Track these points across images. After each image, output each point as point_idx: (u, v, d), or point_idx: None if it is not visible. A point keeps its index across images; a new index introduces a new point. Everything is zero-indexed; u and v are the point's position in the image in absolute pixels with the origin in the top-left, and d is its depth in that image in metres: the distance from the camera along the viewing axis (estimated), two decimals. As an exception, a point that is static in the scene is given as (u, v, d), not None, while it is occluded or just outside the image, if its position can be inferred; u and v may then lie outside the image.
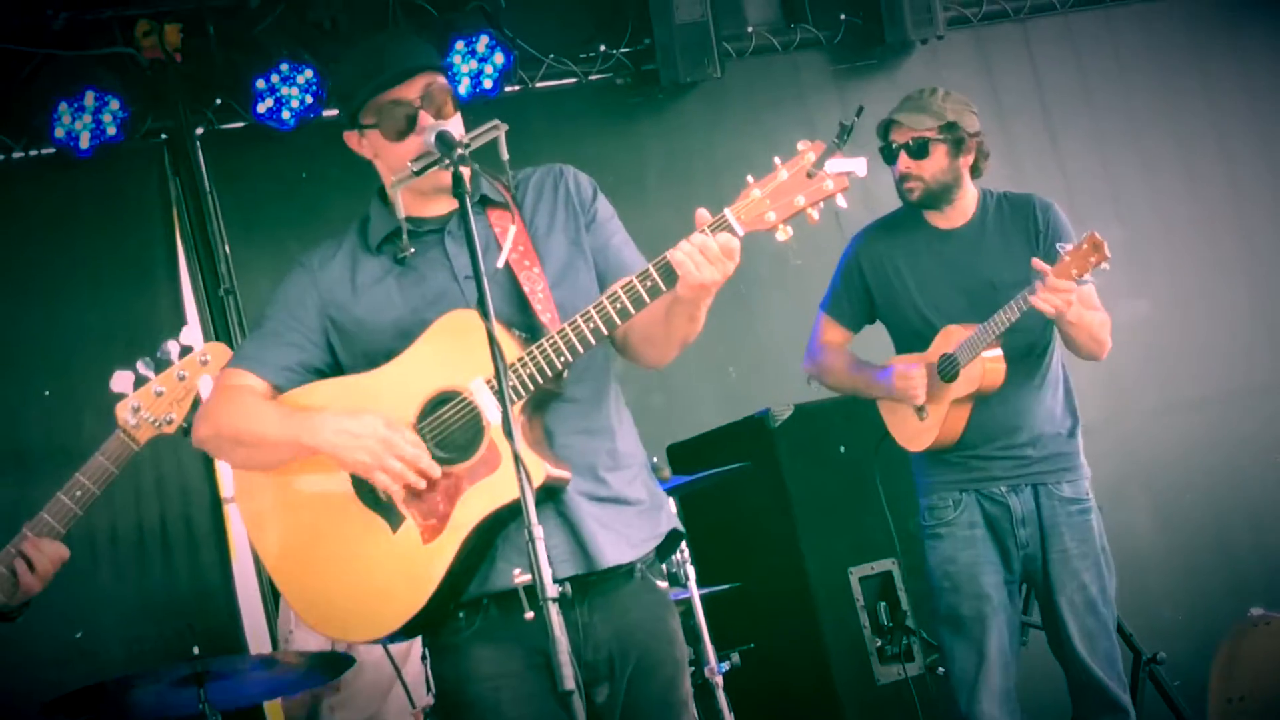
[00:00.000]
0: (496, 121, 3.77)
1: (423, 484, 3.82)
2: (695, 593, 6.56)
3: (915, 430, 5.87)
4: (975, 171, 5.97)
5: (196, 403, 4.64)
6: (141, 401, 4.40)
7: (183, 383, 4.44)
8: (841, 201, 3.72)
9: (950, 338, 5.75)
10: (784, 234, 3.72)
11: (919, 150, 5.81)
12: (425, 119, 3.93)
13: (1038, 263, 5.53)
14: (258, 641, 7.79)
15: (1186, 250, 9.64)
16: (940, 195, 5.86)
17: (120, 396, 4.42)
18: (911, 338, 5.92)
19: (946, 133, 5.81)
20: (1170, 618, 8.52)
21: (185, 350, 4.44)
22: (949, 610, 5.85)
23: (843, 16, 9.29)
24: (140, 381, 4.42)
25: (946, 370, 5.74)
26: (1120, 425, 9.21)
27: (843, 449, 7.10)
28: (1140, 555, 8.78)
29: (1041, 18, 9.70)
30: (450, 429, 3.85)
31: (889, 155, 5.89)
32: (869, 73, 9.39)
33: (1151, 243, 9.58)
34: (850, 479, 6.37)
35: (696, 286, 3.70)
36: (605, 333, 3.80)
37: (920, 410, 5.82)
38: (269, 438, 3.95)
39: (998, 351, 5.71)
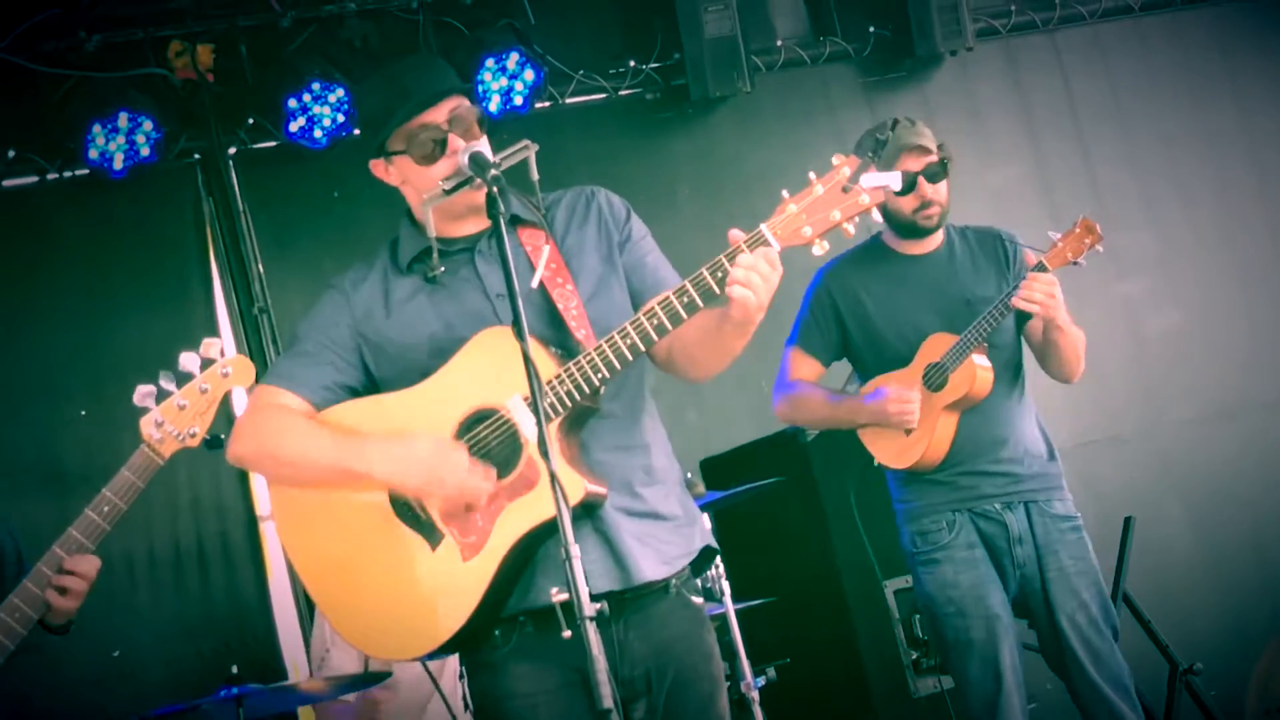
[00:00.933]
0: (527, 142, 3.78)
1: (482, 502, 3.83)
2: (730, 607, 6.57)
3: (901, 445, 5.77)
4: None
5: (228, 416, 4.66)
6: (164, 415, 4.41)
7: (205, 395, 4.44)
8: (877, 215, 3.73)
9: (936, 346, 5.70)
10: (820, 248, 3.73)
11: (939, 174, 5.79)
12: (455, 141, 3.95)
13: (1029, 254, 5.54)
14: (294, 659, 7.81)
15: (1219, 260, 9.62)
16: (944, 220, 5.86)
17: (143, 411, 4.43)
18: (883, 363, 5.83)
19: (943, 154, 5.82)
20: (1207, 629, 8.48)
21: (206, 363, 4.45)
22: (958, 635, 5.71)
23: (872, 29, 9.32)
24: (162, 395, 4.42)
25: (934, 379, 5.68)
26: (1155, 437, 9.19)
27: (876, 463, 7.08)
28: (1177, 567, 8.76)
29: (1071, 28, 9.71)
30: (488, 447, 3.86)
31: (904, 186, 5.73)
32: (898, 85, 9.41)
33: (1183, 253, 9.56)
34: (883, 492, 6.34)
35: (756, 309, 3.72)
36: (643, 349, 3.80)
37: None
38: (319, 463, 3.96)
39: (986, 360, 5.68)
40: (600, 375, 3.80)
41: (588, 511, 3.87)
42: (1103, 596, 5.75)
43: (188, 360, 4.40)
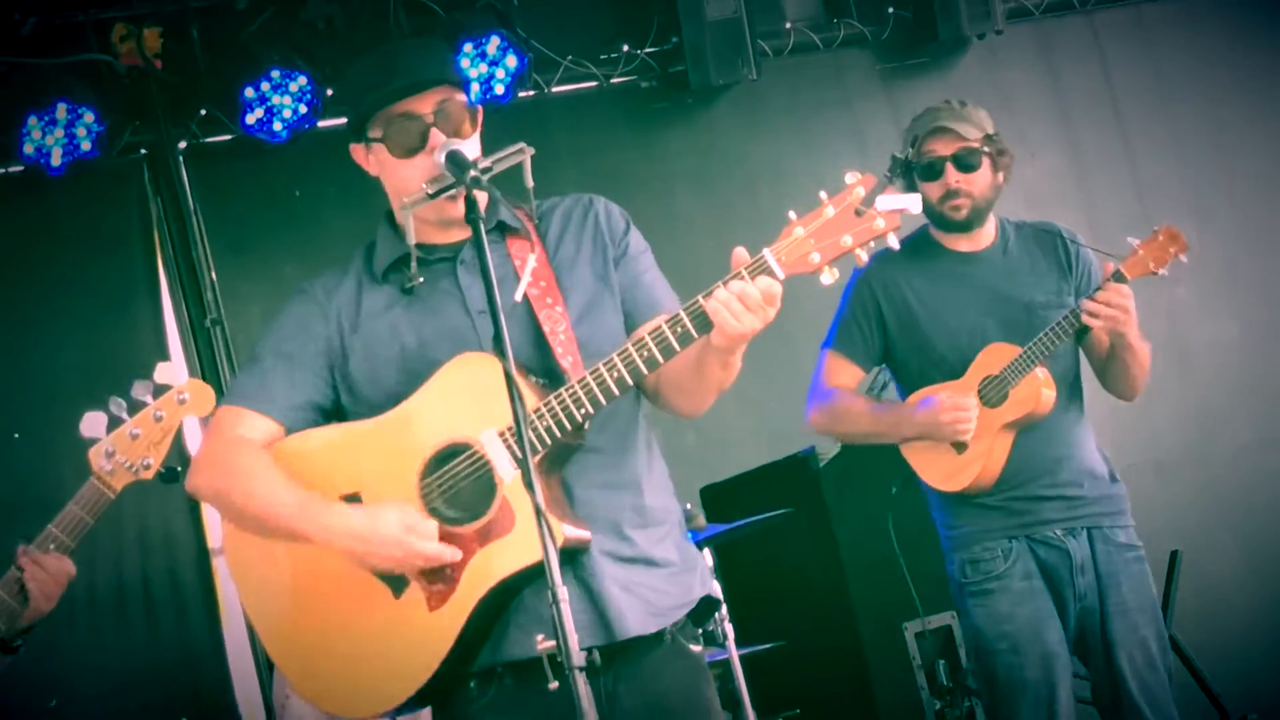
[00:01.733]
0: (522, 145, 3.73)
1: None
2: (734, 653, 6.54)
3: (952, 466, 5.71)
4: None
5: (180, 447, 4.64)
6: (116, 445, 4.41)
7: (160, 424, 4.43)
8: (893, 242, 3.68)
9: (994, 358, 5.65)
10: (830, 276, 3.68)
11: (968, 162, 5.74)
12: (436, 137, 3.90)
13: (1107, 264, 5.51)
14: (251, 707, 7.78)
15: (1276, 264, 9.61)
16: (981, 215, 5.81)
17: (93, 441, 4.43)
18: (931, 371, 5.77)
19: (989, 145, 5.77)
20: (1262, 675, 8.46)
21: (161, 389, 4.45)
22: (1009, 675, 5.66)
23: (891, 10, 9.31)
24: (114, 423, 4.42)
25: (993, 393, 5.63)
26: (1204, 462, 9.18)
27: (895, 490, 7.05)
28: (1229, 606, 8.74)
29: (1111, 9, 9.71)
30: (459, 485, 3.82)
31: (930, 170, 5.72)
32: (920, 72, 9.40)
33: (1237, 256, 9.55)
34: (904, 524, 6.35)
35: (734, 336, 3.66)
36: (630, 383, 3.76)
37: (959, 443, 5.69)
38: (280, 521, 3.92)
39: (1049, 375, 5.63)
40: (583, 410, 3.76)
41: (568, 558, 3.82)
42: (1161, 635, 5.74)
43: (141, 388, 4.39)
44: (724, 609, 6.56)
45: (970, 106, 5.79)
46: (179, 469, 4.41)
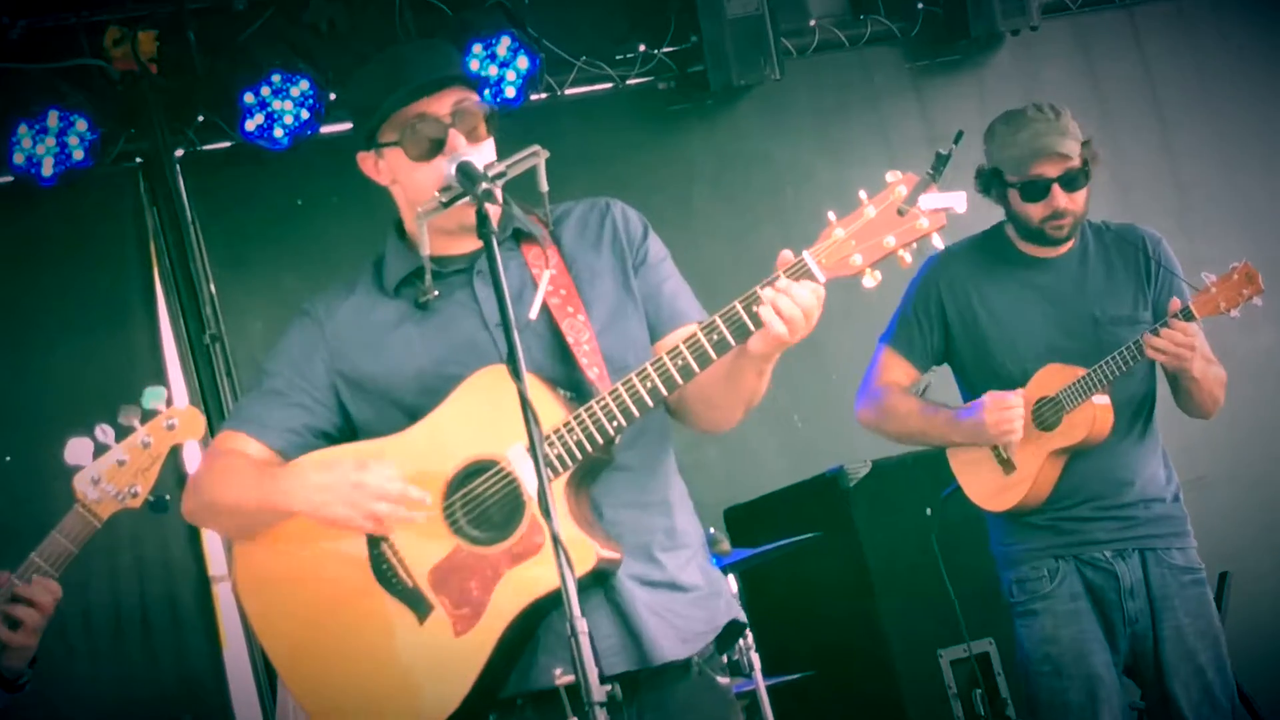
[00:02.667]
0: (536, 148, 3.76)
1: (419, 517, 3.83)
2: (761, 683, 6.55)
3: (997, 486, 5.75)
4: None
5: (179, 475, 4.65)
6: (102, 472, 4.38)
7: (147, 450, 4.41)
8: (937, 241, 3.70)
9: (1051, 379, 5.67)
10: (872, 279, 3.71)
11: (1076, 181, 5.72)
12: (456, 139, 3.93)
13: (1175, 303, 5.50)
14: (254, 736, 7.83)
15: (1325, 269, 9.60)
16: (1078, 228, 5.81)
17: (77, 468, 4.43)
18: (990, 379, 5.77)
19: (1087, 153, 5.77)
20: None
21: (149, 414, 4.45)
22: (1052, 698, 5.70)
23: (920, 5, 9.34)
24: (100, 450, 4.40)
25: (1047, 416, 5.66)
26: (1251, 479, 9.19)
27: (929, 511, 7.06)
28: (1273, 630, 8.72)
29: (1150, 3, 9.74)
30: (485, 504, 3.85)
31: (1036, 191, 5.66)
32: (952, 70, 9.43)
33: (1283, 261, 9.54)
34: (939, 547, 6.34)
35: (777, 339, 3.69)
36: (665, 394, 3.79)
37: (1007, 463, 5.71)
38: (244, 505, 3.99)
39: (1107, 399, 5.65)
40: (615, 423, 3.79)
41: (599, 580, 3.86)
42: (1222, 664, 5.73)
43: (128, 413, 4.39)
44: (750, 637, 6.57)
45: (1064, 113, 5.75)
46: (167, 498, 4.42)
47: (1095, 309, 5.72)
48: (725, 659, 4.20)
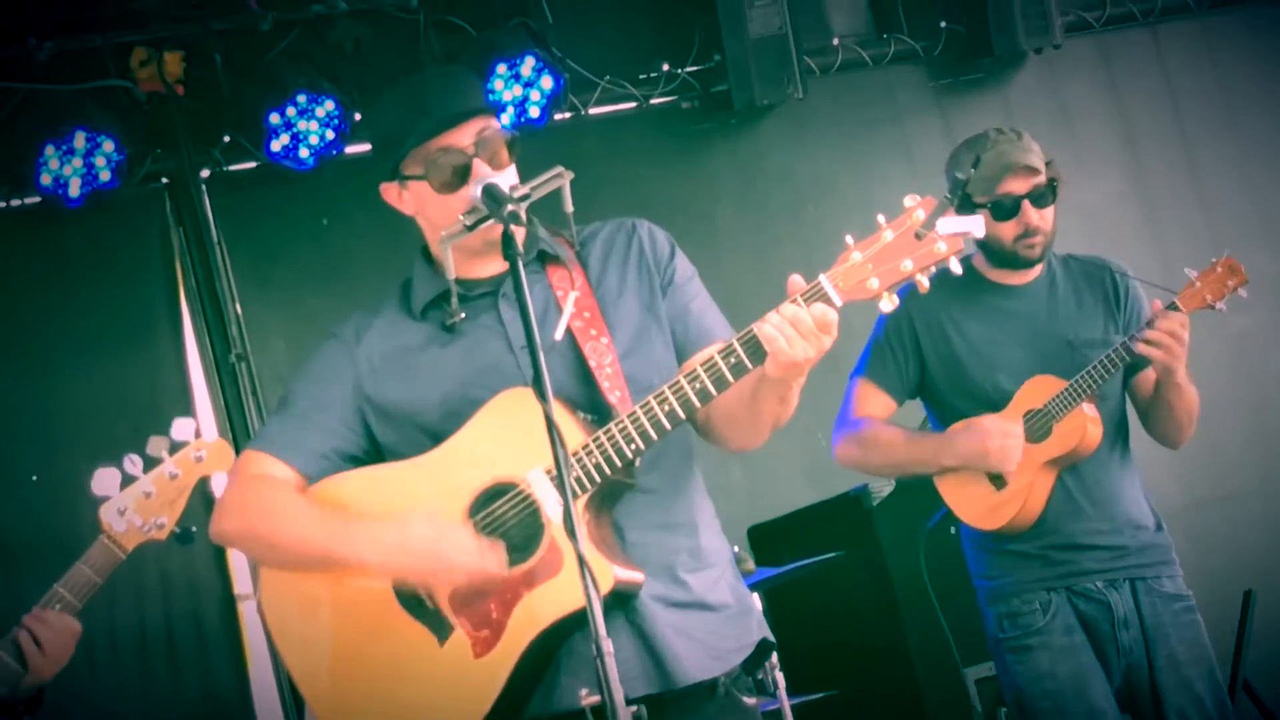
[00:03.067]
0: (560, 169, 3.80)
1: (503, 571, 3.84)
2: (786, 703, 6.53)
3: (989, 504, 5.70)
4: None
5: (207, 500, 4.69)
6: (128, 503, 4.42)
7: (175, 482, 4.45)
8: (955, 266, 3.73)
9: (1037, 391, 5.64)
10: (890, 302, 3.74)
11: (1044, 197, 5.72)
12: (480, 168, 3.97)
13: (1156, 304, 5.51)
14: (279, 757, 7.85)
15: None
16: (1049, 250, 5.83)
17: (104, 499, 4.44)
18: (968, 404, 5.75)
19: (1051, 174, 5.79)
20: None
21: (177, 445, 4.48)
22: None
23: (943, 24, 9.36)
24: (127, 481, 4.43)
25: (1036, 428, 5.61)
26: (1277, 497, 9.15)
27: (954, 530, 7.08)
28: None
29: (1175, 21, 9.74)
30: (505, 526, 3.88)
31: (1006, 209, 5.66)
32: (975, 89, 9.47)
33: (1309, 280, 9.56)
34: (964, 566, 6.34)
35: (788, 365, 3.71)
36: (682, 416, 3.82)
37: (998, 479, 5.66)
38: (306, 549, 4.00)
39: (1095, 411, 5.64)
40: (634, 446, 3.82)
41: (620, 602, 3.88)
42: (1218, 690, 5.70)
43: (157, 444, 4.43)
44: (774, 656, 6.57)
45: (1025, 136, 5.78)
46: (193, 529, 4.46)
47: (1068, 333, 5.71)
48: (751, 679, 4.20)
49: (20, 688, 4.48)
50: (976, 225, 3.70)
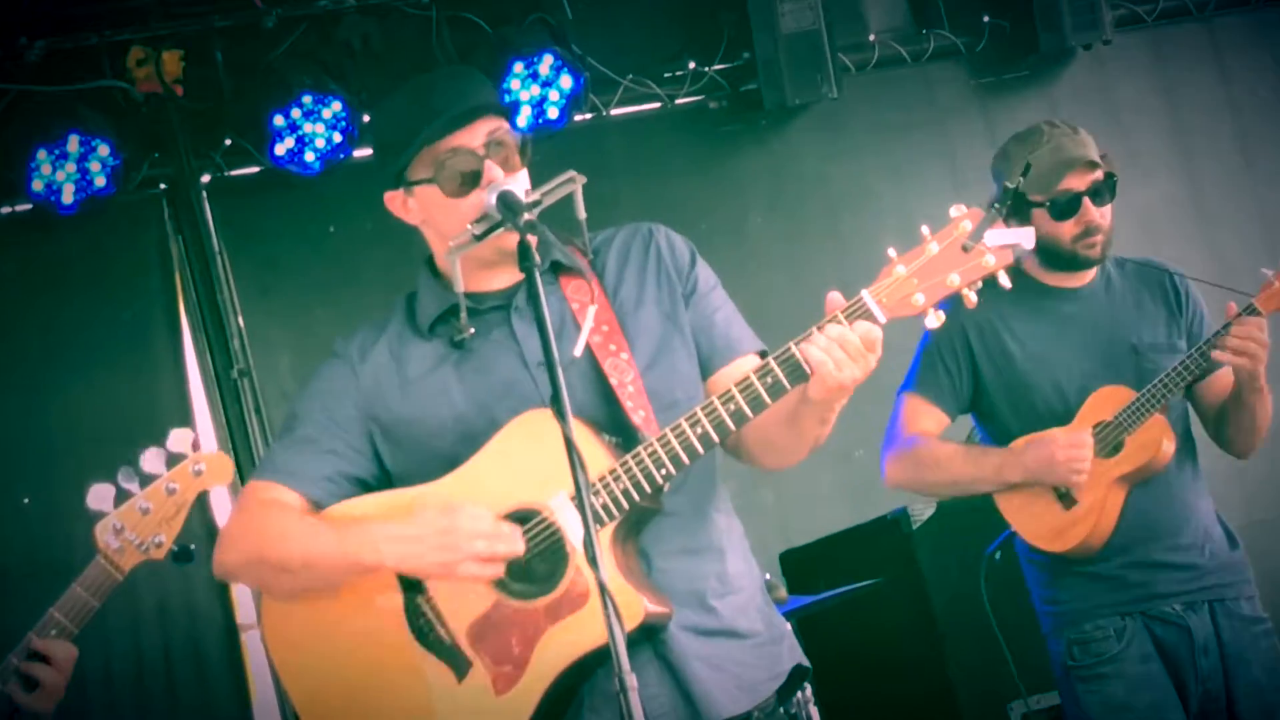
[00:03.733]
0: (572, 174, 3.76)
1: (518, 549, 3.81)
2: (821, 738, 6.54)
3: (1059, 523, 5.62)
4: None
5: (207, 525, 4.66)
6: (125, 521, 4.39)
7: (173, 497, 4.41)
8: (1004, 280, 3.71)
9: (1105, 403, 5.59)
10: (936, 319, 3.72)
11: (1104, 194, 5.69)
12: (491, 171, 3.93)
13: (1231, 307, 5.45)
14: (283, 797, 7.84)
15: None
16: (1109, 251, 5.78)
17: (99, 515, 4.43)
18: (1030, 417, 5.69)
19: (1108, 167, 5.75)
20: None
21: (175, 459, 4.46)
22: None
23: (986, 19, 9.35)
24: (122, 497, 4.40)
25: (1106, 441, 5.57)
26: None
27: (999, 556, 7.04)
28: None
29: (1231, 15, 9.73)
30: (528, 555, 3.85)
31: (1066, 207, 5.61)
32: (1020, 87, 9.44)
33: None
34: (1010, 592, 6.30)
35: (834, 388, 3.69)
36: (715, 440, 3.79)
37: (1067, 497, 5.58)
38: (323, 562, 3.95)
39: (1168, 423, 5.58)
40: (664, 471, 3.79)
41: (647, 636, 3.85)
42: None
43: (152, 458, 4.40)
44: (809, 689, 6.54)
45: (1081, 131, 5.74)
46: (192, 547, 4.43)
47: (1132, 337, 5.67)
48: (784, 710, 4.16)
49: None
50: (1027, 237, 3.68)
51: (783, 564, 7.82)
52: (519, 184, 3.95)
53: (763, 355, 3.91)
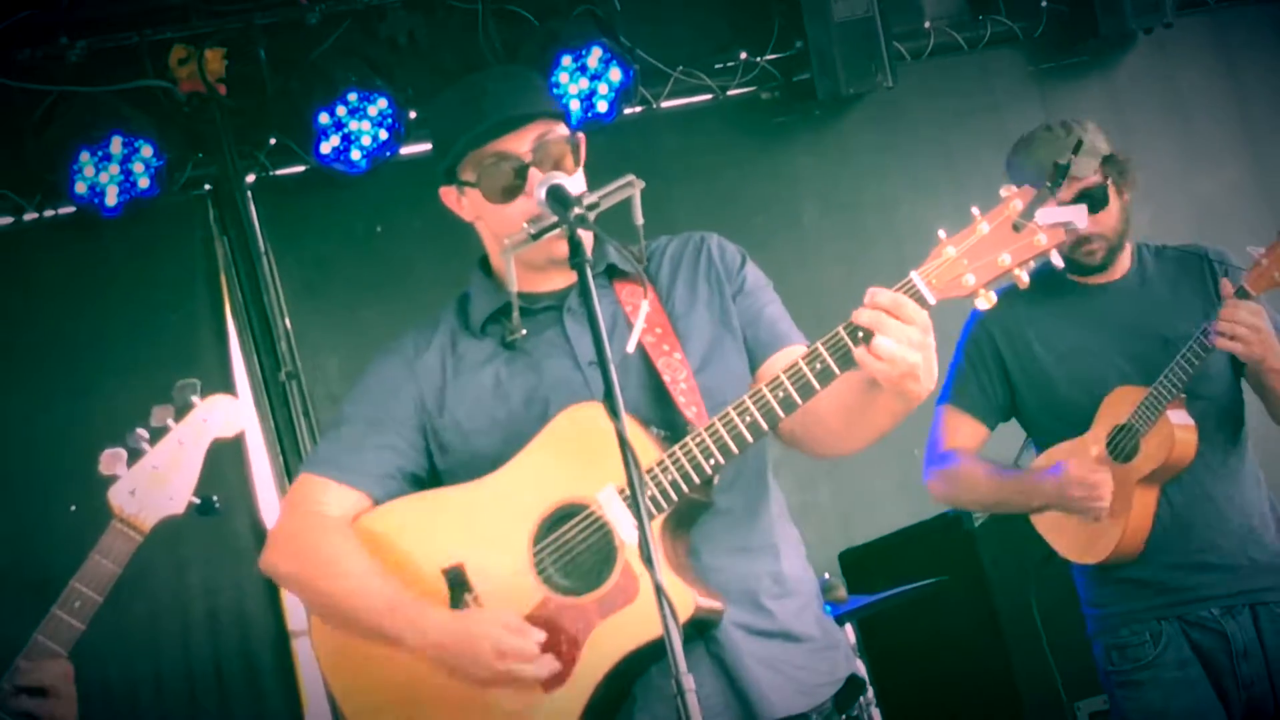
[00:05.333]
0: (631, 178, 3.78)
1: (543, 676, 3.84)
2: (883, 741, 6.55)
3: (1089, 535, 5.65)
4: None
5: (224, 479, 4.61)
6: (138, 481, 4.39)
7: (185, 450, 4.38)
8: (1056, 259, 3.73)
9: (1120, 404, 5.60)
10: (986, 300, 3.72)
11: (1100, 200, 5.69)
12: (536, 177, 3.95)
13: (1224, 282, 5.44)
14: (338, 808, 7.85)
15: None
16: (1116, 250, 5.74)
17: (112, 480, 4.44)
18: (1060, 420, 5.72)
19: (1111, 169, 5.71)
20: None
21: (181, 411, 4.46)
22: None
23: (1044, 3, 9.34)
24: (134, 456, 4.43)
25: (1123, 445, 5.58)
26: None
27: (1053, 555, 7.03)
28: None
29: (1299, -5, 9.69)
30: (575, 551, 3.89)
31: None
32: (1079, 74, 9.44)
33: None
34: (1069, 594, 6.29)
35: (903, 377, 3.66)
36: (765, 428, 3.81)
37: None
38: (368, 617, 3.99)
39: (1188, 418, 5.56)
40: (713, 461, 3.81)
41: (700, 631, 3.88)
42: None
43: (161, 413, 4.41)
44: (870, 690, 6.55)
45: (1077, 128, 5.66)
46: (215, 500, 4.42)
47: (1164, 329, 5.64)
48: (845, 718, 4.19)
49: None
50: (1079, 215, 3.69)
51: (842, 563, 7.85)
52: (573, 185, 3.96)
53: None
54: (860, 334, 3.69)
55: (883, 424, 3.89)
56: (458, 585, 3.95)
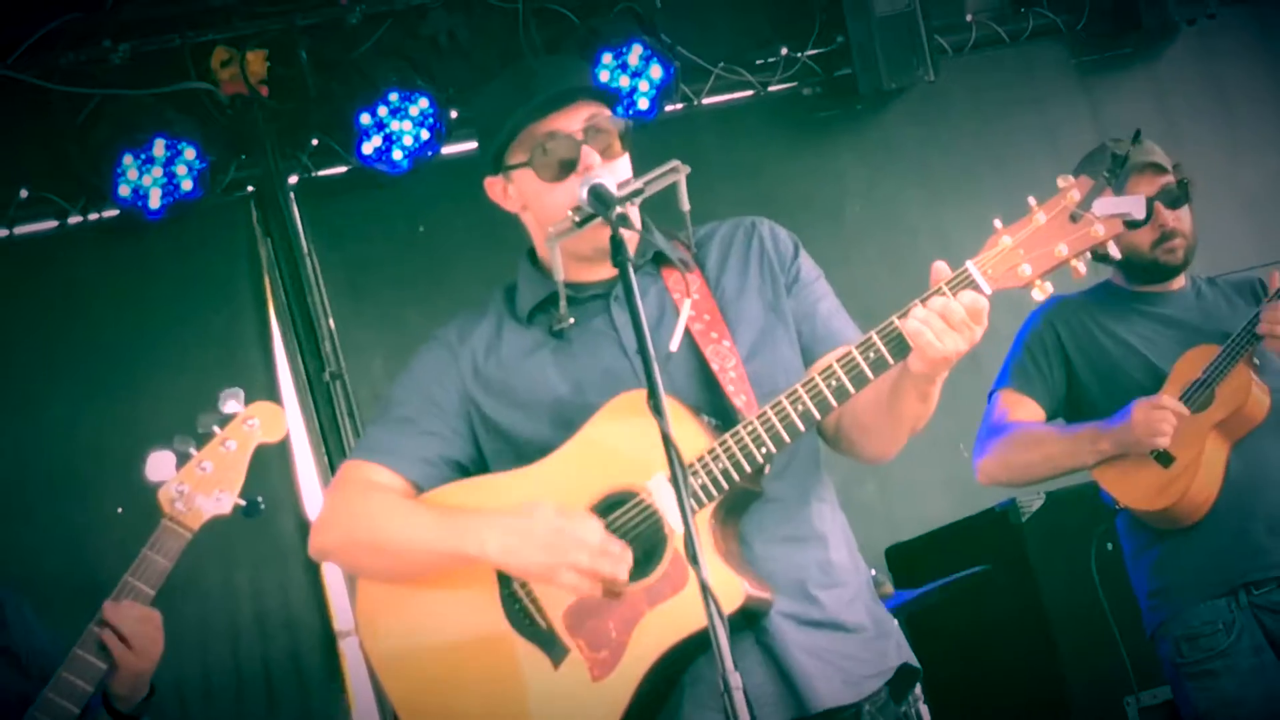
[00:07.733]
0: (676, 163, 3.77)
1: (621, 573, 3.83)
2: (931, 736, 6.57)
3: (1158, 480, 5.62)
4: None
5: (266, 483, 4.75)
6: (187, 483, 4.61)
7: (231, 454, 4.65)
8: (1114, 250, 3.72)
9: (1193, 364, 5.62)
10: (1042, 291, 3.74)
11: (1177, 197, 5.74)
12: (589, 156, 3.98)
13: (1274, 275, 5.48)
14: (385, 806, 7.89)
15: None
16: (1191, 259, 5.78)
17: (160, 484, 4.65)
18: (1122, 400, 5.66)
19: (1180, 175, 5.77)
20: None
21: (227, 418, 4.62)
22: None
23: (1087, -5, 9.30)
24: (183, 459, 4.61)
25: (1197, 397, 5.59)
26: None
27: (1110, 546, 7.04)
28: None
29: (1346, -16, 9.65)
30: (625, 538, 3.88)
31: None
32: (1122, 66, 9.42)
33: None
34: (1123, 582, 6.30)
35: (936, 360, 3.71)
36: (818, 417, 3.82)
37: (1164, 455, 5.57)
38: (424, 547, 4.01)
39: (1259, 379, 5.60)
40: (765, 450, 3.83)
41: (749, 620, 3.88)
42: None
43: (207, 419, 4.57)
44: (919, 688, 6.55)
45: (1147, 140, 5.73)
46: (259, 500, 4.59)
47: (1225, 326, 5.68)
48: (898, 709, 4.17)
49: (115, 685, 4.66)
50: (1137, 206, 3.68)
51: (888, 559, 7.86)
52: (620, 171, 4.00)
53: None
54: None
55: (907, 413, 3.90)
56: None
